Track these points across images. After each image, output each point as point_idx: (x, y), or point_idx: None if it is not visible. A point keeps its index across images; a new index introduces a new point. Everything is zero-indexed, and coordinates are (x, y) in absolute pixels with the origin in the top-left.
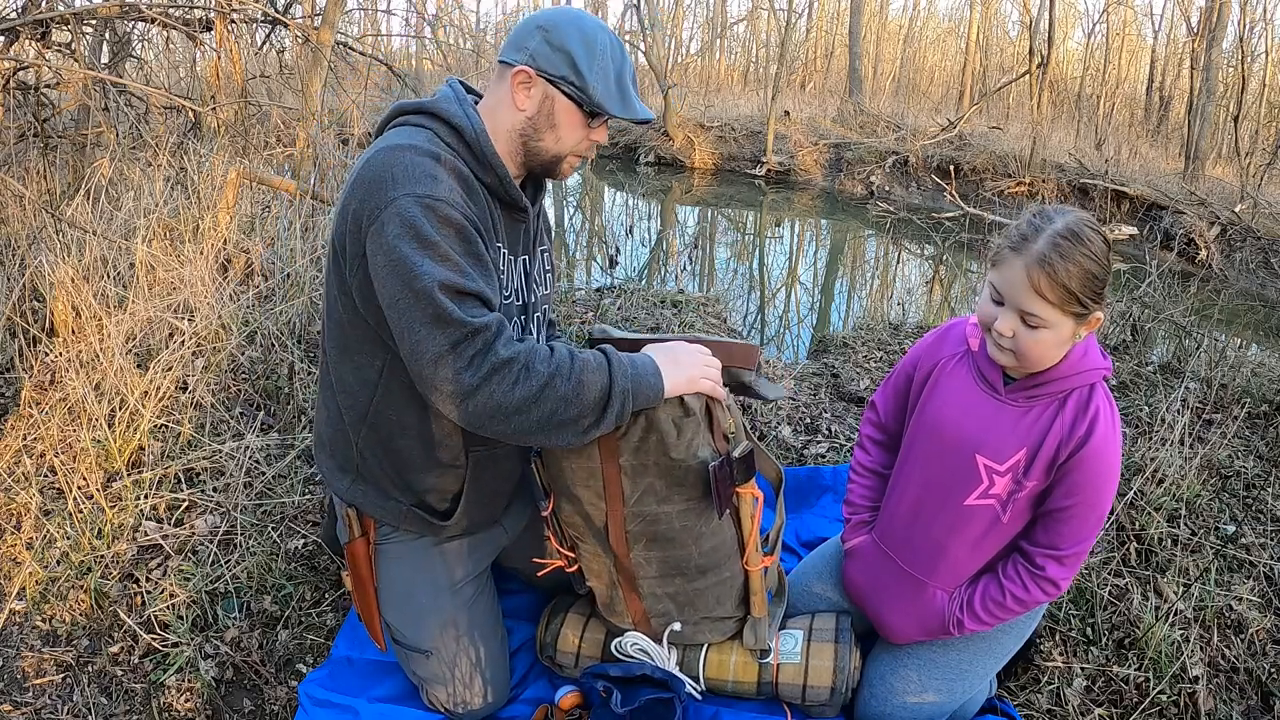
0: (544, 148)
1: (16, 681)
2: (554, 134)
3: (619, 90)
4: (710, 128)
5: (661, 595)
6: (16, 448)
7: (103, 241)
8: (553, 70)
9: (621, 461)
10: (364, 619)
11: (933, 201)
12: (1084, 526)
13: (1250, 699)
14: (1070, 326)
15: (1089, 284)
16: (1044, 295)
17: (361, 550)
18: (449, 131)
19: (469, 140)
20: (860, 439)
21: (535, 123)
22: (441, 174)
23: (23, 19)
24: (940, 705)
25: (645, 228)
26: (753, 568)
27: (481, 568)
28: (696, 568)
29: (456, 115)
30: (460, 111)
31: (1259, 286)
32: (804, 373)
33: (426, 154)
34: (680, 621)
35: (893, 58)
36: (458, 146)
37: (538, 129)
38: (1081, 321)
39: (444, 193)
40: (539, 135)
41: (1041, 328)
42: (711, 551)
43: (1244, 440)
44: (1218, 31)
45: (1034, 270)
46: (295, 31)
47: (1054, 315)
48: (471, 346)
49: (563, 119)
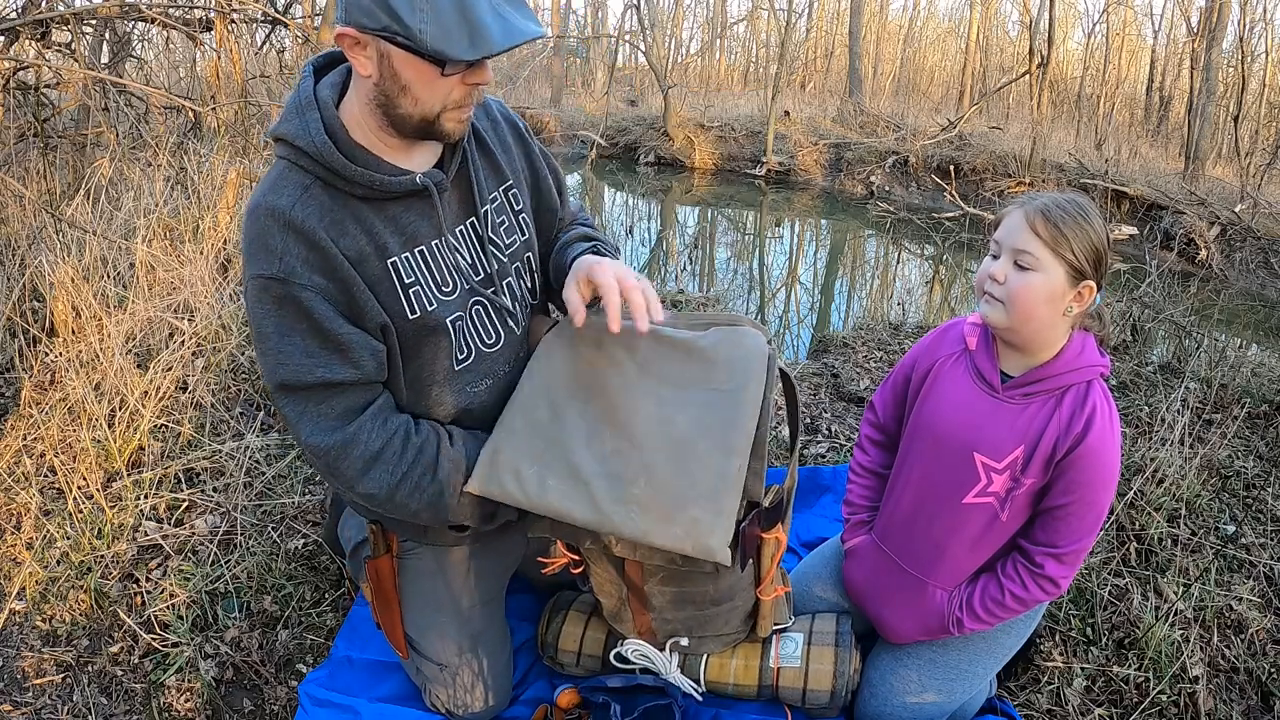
0: (405, 114)
1: (16, 681)
2: (408, 96)
3: (462, 23)
4: (710, 128)
5: (672, 619)
6: (16, 448)
7: (103, 241)
8: (372, 23)
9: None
10: (385, 630)
11: (933, 201)
12: (1083, 524)
13: (1250, 699)
14: (1061, 278)
15: (1083, 241)
16: (1038, 233)
17: (386, 567)
18: (297, 153)
19: (314, 155)
20: (859, 439)
21: (383, 88)
22: (275, 240)
23: (23, 19)
24: (940, 705)
25: (645, 228)
26: (766, 597)
27: (504, 582)
28: (710, 600)
29: (293, 131)
30: (299, 126)
31: (1259, 286)
32: (804, 373)
33: (265, 214)
34: (686, 638)
35: (893, 58)
36: (311, 167)
37: (389, 95)
38: (1074, 286)
39: (275, 267)
40: (394, 102)
41: (1033, 270)
42: (729, 588)
43: (1244, 440)
44: (1218, 31)
45: (1032, 213)
46: (295, 31)
47: (1046, 255)
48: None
49: (408, 76)
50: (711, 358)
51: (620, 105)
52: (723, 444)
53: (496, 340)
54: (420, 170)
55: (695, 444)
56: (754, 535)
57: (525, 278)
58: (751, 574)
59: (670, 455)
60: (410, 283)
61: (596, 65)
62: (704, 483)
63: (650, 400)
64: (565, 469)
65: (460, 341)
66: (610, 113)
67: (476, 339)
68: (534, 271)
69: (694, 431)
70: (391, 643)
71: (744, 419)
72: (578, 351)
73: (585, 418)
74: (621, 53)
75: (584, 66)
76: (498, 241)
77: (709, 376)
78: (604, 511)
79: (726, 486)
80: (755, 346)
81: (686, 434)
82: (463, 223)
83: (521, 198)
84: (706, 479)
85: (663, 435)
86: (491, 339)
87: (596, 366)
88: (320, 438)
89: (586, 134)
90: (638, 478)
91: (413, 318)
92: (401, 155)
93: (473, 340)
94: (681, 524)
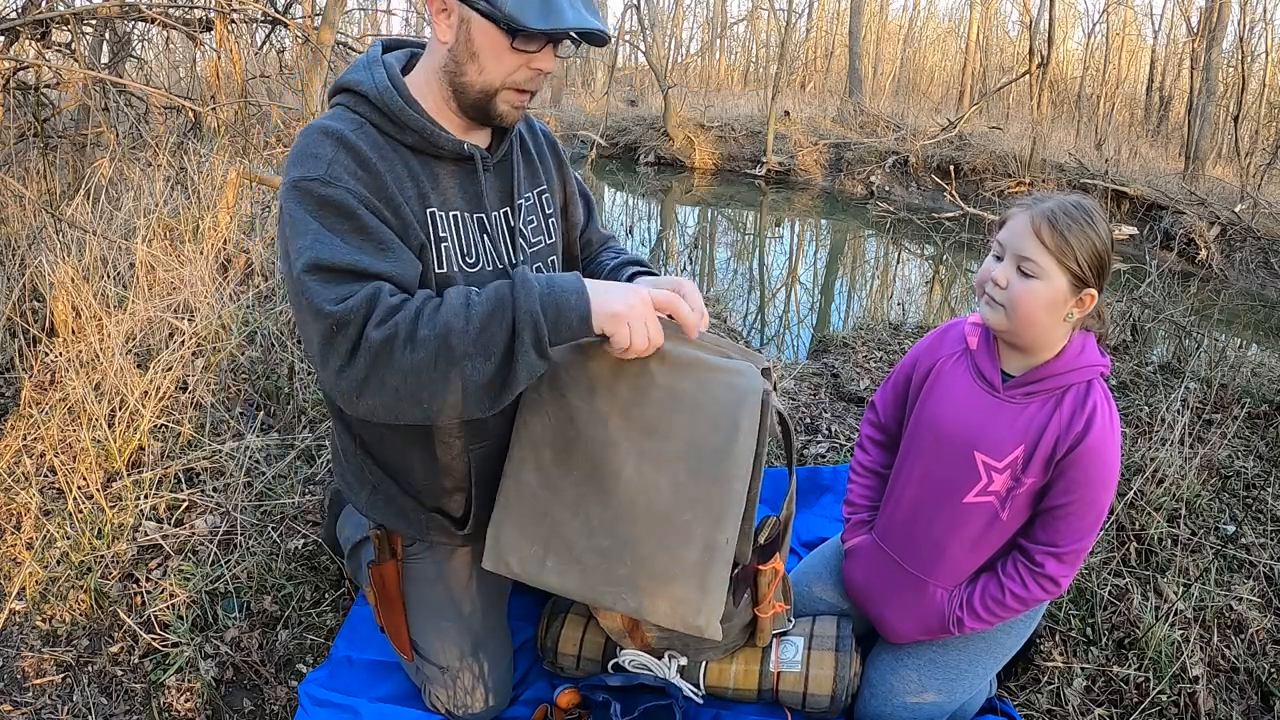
0: (468, 83)
1: (16, 681)
2: (475, 64)
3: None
4: (710, 128)
5: (670, 636)
6: (16, 448)
7: (103, 241)
8: None
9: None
10: (390, 634)
11: (933, 201)
12: (1083, 523)
13: (1250, 699)
14: (1064, 287)
15: (1087, 249)
16: (1043, 240)
17: (391, 571)
18: (357, 100)
19: (375, 102)
20: (860, 439)
21: (455, 55)
22: (325, 150)
23: (23, 19)
24: (940, 705)
25: (645, 228)
26: (764, 615)
27: (506, 585)
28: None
29: (359, 80)
30: (365, 75)
31: (1259, 286)
32: (804, 373)
33: (318, 131)
34: (684, 657)
35: (893, 58)
36: (368, 113)
37: (459, 62)
38: (1075, 293)
39: (321, 170)
40: (461, 69)
41: (1035, 277)
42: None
43: (1244, 440)
44: (1218, 31)
45: (1037, 218)
46: (295, 31)
47: (1050, 264)
48: (344, 339)
49: (481, 43)
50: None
51: (620, 105)
52: (709, 515)
53: None
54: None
55: (680, 516)
56: (750, 569)
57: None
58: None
59: (654, 529)
60: (443, 237)
61: (596, 65)
62: (689, 559)
63: (632, 461)
64: (560, 547)
65: None
66: (610, 113)
67: None
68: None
69: (679, 502)
70: (396, 646)
71: (734, 483)
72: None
73: (571, 482)
74: (621, 53)
75: (584, 66)
76: (525, 236)
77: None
78: (596, 591)
79: (714, 559)
80: (747, 388)
81: (671, 506)
82: (498, 209)
83: (552, 203)
84: (692, 555)
85: (646, 507)
86: None
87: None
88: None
89: (586, 134)
90: (624, 557)
91: (439, 271)
92: (455, 130)
93: None
94: (668, 602)
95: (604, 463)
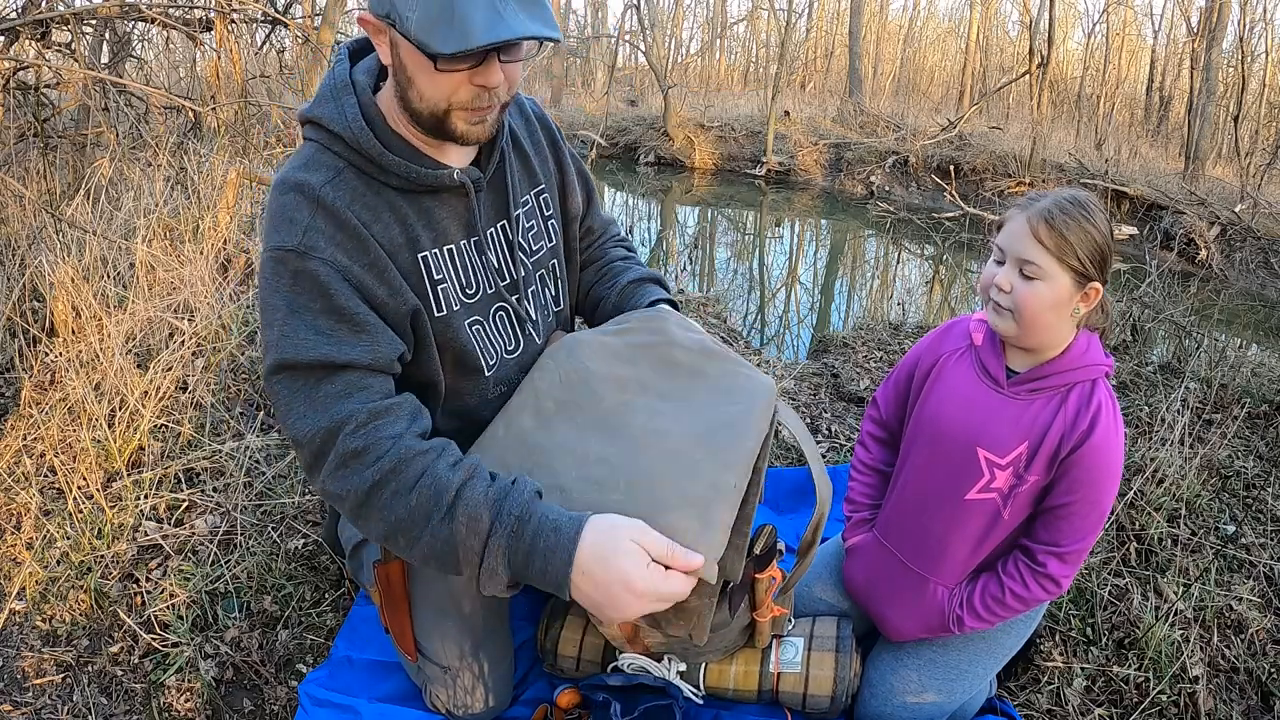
0: (416, 108)
1: (16, 681)
2: (414, 89)
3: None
4: (710, 128)
5: (670, 642)
6: (16, 448)
7: (103, 241)
8: (378, 8)
9: None
10: (395, 634)
11: (933, 201)
12: (1085, 523)
13: (1250, 699)
14: (1067, 285)
15: (1087, 245)
16: (1042, 241)
17: (397, 572)
18: (331, 138)
19: (350, 142)
20: (861, 436)
21: (397, 78)
22: (301, 215)
23: (23, 19)
24: (940, 705)
25: (645, 228)
26: (762, 619)
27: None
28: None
29: (329, 117)
30: (334, 110)
31: (1259, 286)
32: (804, 373)
33: (293, 189)
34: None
35: (893, 58)
36: (345, 154)
37: (402, 85)
38: (1079, 289)
39: (296, 239)
40: (405, 93)
41: (1038, 279)
42: (722, 624)
43: (1244, 440)
44: (1218, 31)
45: (1035, 219)
46: (295, 31)
47: (1051, 265)
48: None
49: (412, 67)
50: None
51: (620, 105)
52: (721, 460)
53: (517, 347)
54: (458, 166)
55: (690, 454)
56: (748, 576)
57: (550, 286)
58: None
59: (660, 462)
60: (439, 279)
61: (596, 65)
62: (693, 492)
63: (646, 414)
64: (544, 474)
65: (484, 346)
66: (610, 113)
67: (499, 345)
68: (559, 280)
69: (690, 445)
70: (400, 647)
71: (747, 441)
72: (580, 364)
73: (574, 426)
74: (621, 53)
75: (584, 66)
76: (525, 247)
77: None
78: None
79: (719, 497)
80: (763, 382)
81: (682, 446)
82: (494, 225)
83: (552, 203)
84: (697, 490)
85: (656, 445)
86: (512, 346)
87: (594, 380)
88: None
89: (586, 134)
90: (618, 483)
91: (439, 315)
92: (437, 150)
93: (494, 346)
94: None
95: (614, 414)
